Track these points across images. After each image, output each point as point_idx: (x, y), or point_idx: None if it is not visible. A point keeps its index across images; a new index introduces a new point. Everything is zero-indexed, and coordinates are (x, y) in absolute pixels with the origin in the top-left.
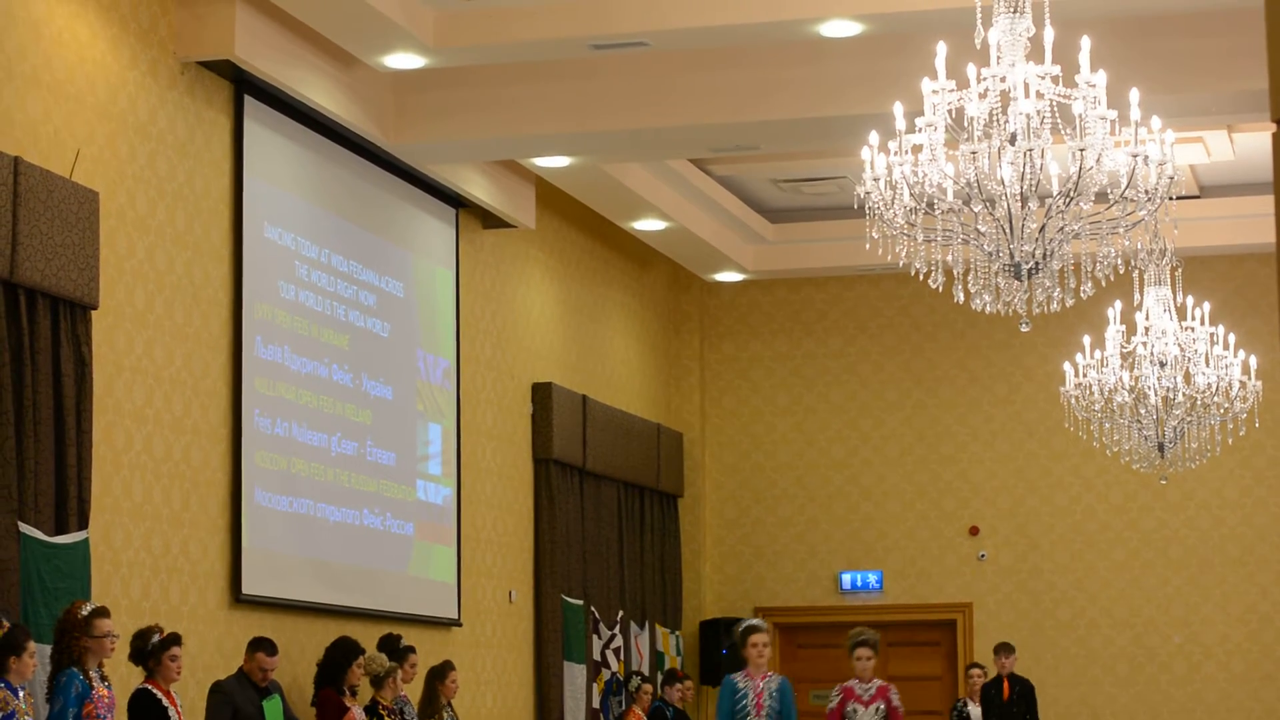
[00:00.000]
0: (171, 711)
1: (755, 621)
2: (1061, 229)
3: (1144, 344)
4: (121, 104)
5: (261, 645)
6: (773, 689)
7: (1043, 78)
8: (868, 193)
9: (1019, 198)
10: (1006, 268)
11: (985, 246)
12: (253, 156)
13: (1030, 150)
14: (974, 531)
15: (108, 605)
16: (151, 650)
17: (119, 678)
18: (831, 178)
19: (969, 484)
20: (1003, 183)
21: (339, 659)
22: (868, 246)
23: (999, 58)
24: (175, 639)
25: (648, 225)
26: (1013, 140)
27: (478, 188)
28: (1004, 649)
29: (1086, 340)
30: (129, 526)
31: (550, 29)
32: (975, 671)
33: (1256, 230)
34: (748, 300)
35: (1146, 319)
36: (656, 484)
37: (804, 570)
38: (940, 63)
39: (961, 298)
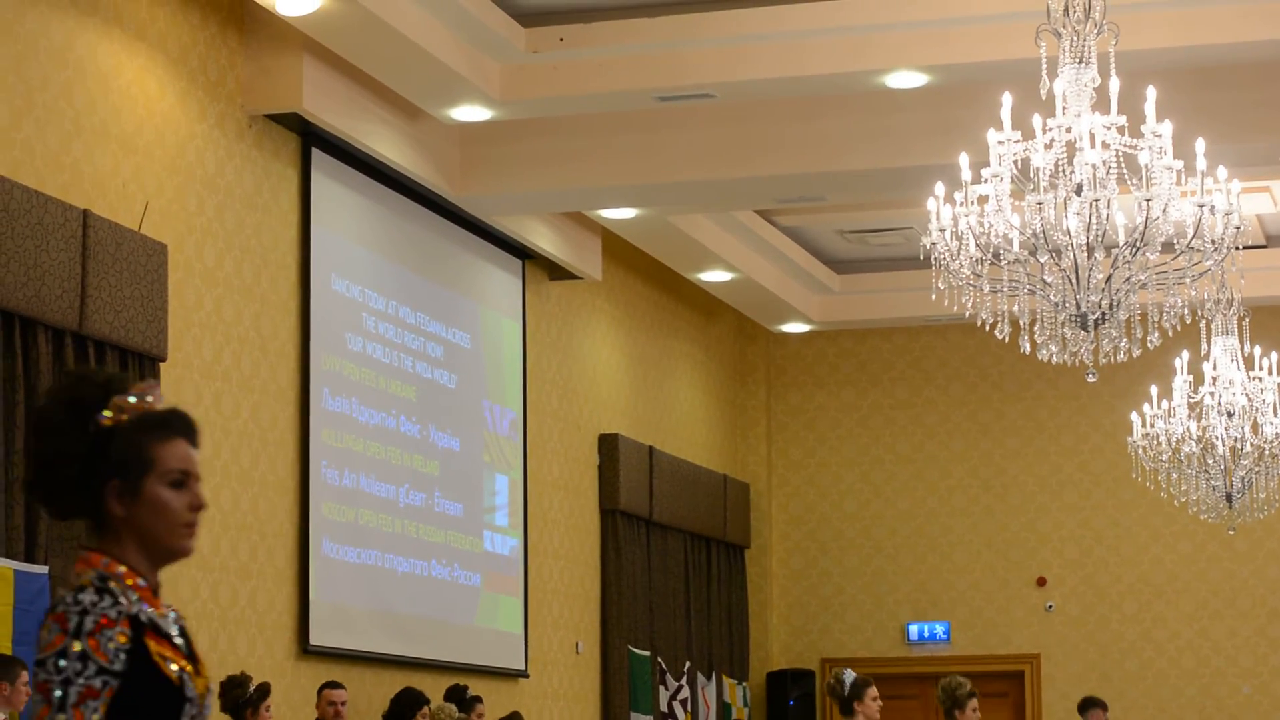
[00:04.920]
0: None
1: (859, 676)
2: (1128, 279)
3: (1211, 394)
4: (189, 157)
5: (325, 685)
6: None
7: (1108, 128)
8: (934, 243)
9: (1085, 248)
10: (1073, 318)
11: (1051, 297)
12: (320, 209)
13: (1096, 200)
14: (1041, 582)
15: None
16: (250, 700)
17: None
18: (897, 228)
19: (1036, 534)
20: (1069, 233)
21: (402, 710)
22: (934, 297)
23: (1064, 108)
24: (269, 689)
25: (714, 276)
26: (1079, 190)
27: (544, 239)
28: (1093, 705)
29: (1154, 390)
30: (197, 577)
31: (616, 81)
32: None
33: None
34: (814, 351)
35: (1214, 369)
36: (723, 535)
37: (870, 621)
38: (1006, 113)
39: (1028, 348)
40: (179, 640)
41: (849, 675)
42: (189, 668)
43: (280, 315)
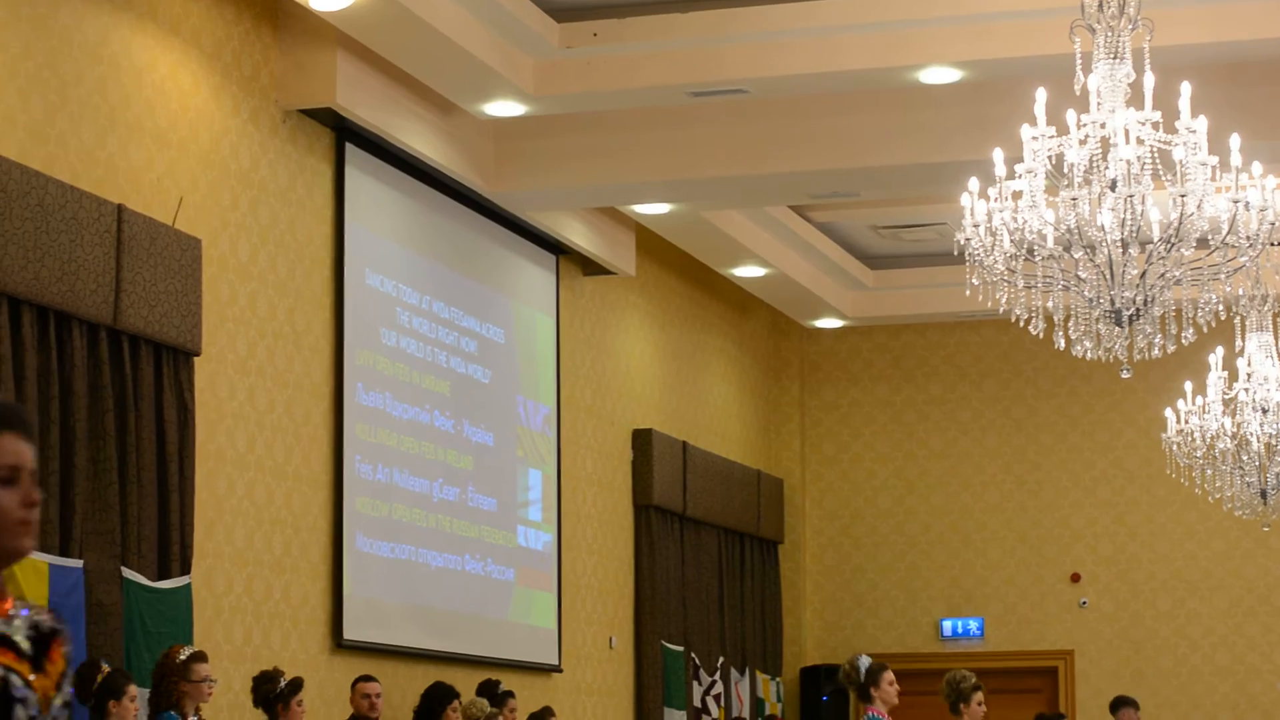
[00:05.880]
0: None
1: (874, 661)
2: (1162, 275)
3: (1246, 390)
4: (224, 152)
5: (359, 679)
6: None
7: (1143, 124)
8: (968, 239)
9: (1120, 244)
10: (1107, 314)
11: (1086, 293)
12: (354, 204)
13: (1131, 196)
14: (1075, 578)
15: (209, 650)
16: (280, 695)
17: None
18: (931, 224)
19: (1070, 530)
20: (1103, 229)
21: (432, 705)
22: (968, 293)
23: (1099, 104)
24: (301, 684)
25: (747, 272)
26: (1113, 186)
27: (578, 234)
28: (1125, 704)
29: (1188, 386)
30: (231, 572)
31: (650, 76)
32: None
33: None
34: (848, 346)
35: (1248, 365)
36: (757, 530)
37: (904, 617)
38: (1040, 109)
39: (1062, 344)
40: (22, 643)
41: (864, 661)
42: (20, 668)
43: (314, 310)
